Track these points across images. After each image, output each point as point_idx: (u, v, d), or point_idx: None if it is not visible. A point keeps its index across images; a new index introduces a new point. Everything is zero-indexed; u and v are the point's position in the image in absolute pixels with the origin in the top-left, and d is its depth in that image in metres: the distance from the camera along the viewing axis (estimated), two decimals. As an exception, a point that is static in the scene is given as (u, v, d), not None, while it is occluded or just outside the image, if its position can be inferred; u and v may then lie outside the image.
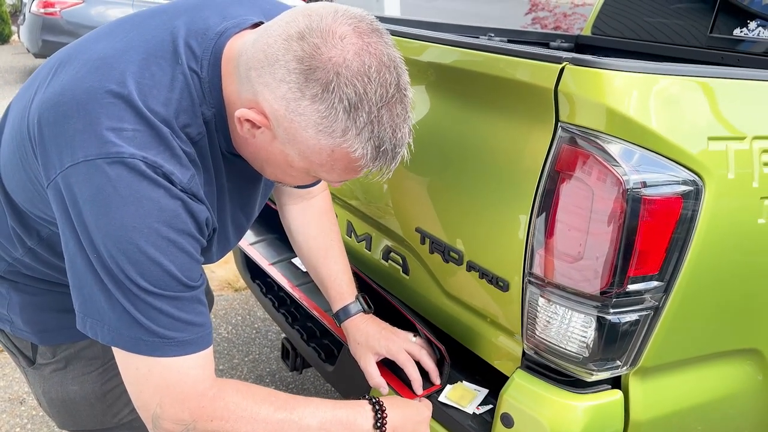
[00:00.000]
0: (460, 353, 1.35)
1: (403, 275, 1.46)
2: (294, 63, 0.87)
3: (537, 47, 1.57)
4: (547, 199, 1.06)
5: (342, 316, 1.40)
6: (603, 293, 1.04)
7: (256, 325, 3.01)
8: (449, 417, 1.25)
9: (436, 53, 1.29)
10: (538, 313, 1.12)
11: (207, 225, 1.01)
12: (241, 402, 1.02)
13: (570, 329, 1.09)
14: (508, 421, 1.15)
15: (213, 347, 1.02)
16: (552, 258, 1.07)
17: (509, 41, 2.59)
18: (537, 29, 6.65)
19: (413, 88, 0.97)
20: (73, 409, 1.28)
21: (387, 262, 1.51)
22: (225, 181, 1.08)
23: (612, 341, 1.07)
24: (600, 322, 1.06)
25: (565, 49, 2.81)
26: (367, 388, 1.36)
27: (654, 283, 1.05)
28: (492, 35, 2.64)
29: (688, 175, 1.02)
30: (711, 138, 1.04)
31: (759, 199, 1.10)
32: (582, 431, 1.10)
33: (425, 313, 1.43)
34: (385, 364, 1.36)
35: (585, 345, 1.08)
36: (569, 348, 1.10)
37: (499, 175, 1.17)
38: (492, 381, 1.29)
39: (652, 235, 1.01)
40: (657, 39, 2.59)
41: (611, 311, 1.05)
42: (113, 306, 0.93)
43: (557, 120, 1.04)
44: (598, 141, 1.00)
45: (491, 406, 1.24)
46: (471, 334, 1.31)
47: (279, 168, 1.02)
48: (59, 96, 0.94)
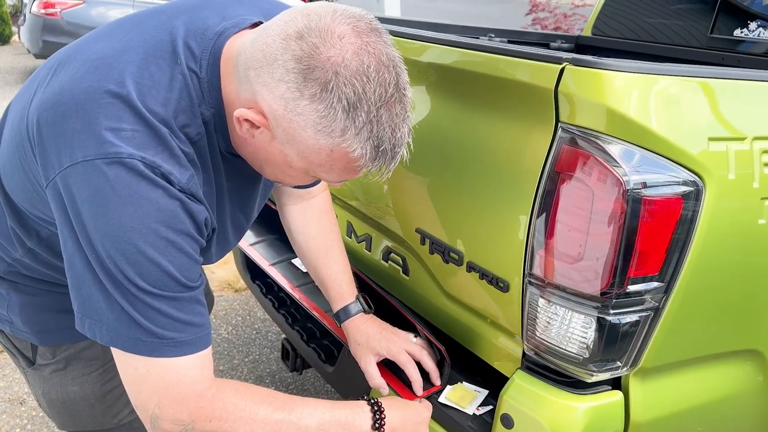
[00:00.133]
0: (460, 354, 1.34)
1: (403, 276, 1.45)
2: (292, 62, 0.87)
3: (537, 48, 1.56)
4: (548, 200, 1.06)
5: (342, 316, 1.40)
6: (603, 294, 1.03)
7: (256, 326, 3.01)
8: (449, 418, 1.24)
9: (436, 54, 1.29)
10: (538, 314, 1.12)
11: (206, 225, 1.01)
12: (240, 402, 1.01)
13: (570, 330, 1.09)
14: (508, 422, 1.14)
15: (213, 348, 1.02)
16: (552, 259, 1.07)
17: (509, 42, 2.59)
18: (537, 30, 6.65)
19: (413, 88, 0.97)
20: (73, 410, 1.28)
21: (387, 262, 1.50)
22: (224, 181, 1.08)
23: (612, 342, 1.07)
24: (600, 322, 1.06)
25: (566, 50, 2.81)
26: (367, 388, 1.36)
27: (654, 284, 1.05)
28: (492, 36, 2.64)
29: (688, 176, 1.01)
30: (711, 138, 1.04)
31: (759, 200, 1.10)
32: (582, 432, 1.10)
33: (425, 314, 1.43)
34: (385, 364, 1.36)
35: (585, 346, 1.08)
36: (569, 349, 1.10)
37: (500, 176, 1.17)
38: (492, 382, 1.28)
39: (652, 236, 1.01)
40: (657, 39, 2.59)
41: (611, 312, 1.05)
42: (112, 306, 0.93)
43: (557, 120, 1.04)
44: (598, 141, 0.99)
45: (491, 406, 1.24)
46: (471, 334, 1.30)
47: (278, 168, 1.02)
48: (58, 96, 0.94)
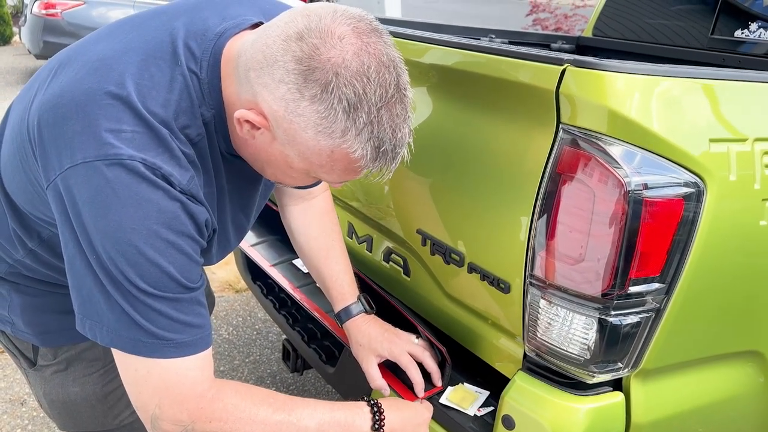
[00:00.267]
0: (461, 355, 1.34)
1: (404, 277, 1.45)
2: (293, 63, 0.87)
3: (538, 49, 1.56)
4: (549, 201, 1.06)
5: (343, 316, 1.40)
6: (604, 295, 1.03)
7: (257, 327, 3.01)
8: (450, 419, 1.24)
9: (437, 55, 1.29)
10: (539, 315, 1.12)
11: (207, 226, 1.01)
12: (240, 403, 1.01)
13: (571, 331, 1.08)
14: (509, 423, 1.14)
15: (214, 348, 1.02)
16: (553, 260, 1.07)
17: (510, 43, 2.59)
18: (538, 31, 6.65)
19: (414, 89, 0.97)
20: (74, 411, 1.28)
21: (388, 263, 1.50)
22: (225, 182, 1.08)
23: (613, 343, 1.07)
24: (601, 324, 1.05)
25: (567, 51, 2.81)
26: (368, 389, 1.36)
27: (655, 285, 1.04)
28: (493, 37, 2.64)
29: (689, 177, 1.01)
30: (712, 140, 1.04)
31: (761, 201, 1.09)
32: (583, 433, 1.10)
33: (426, 315, 1.42)
34: (386, 365, 1.35)
35: (586, 347, 1.08)
36: (570, 350, 1.09)
37: (501, 177, 1.16)
38: (493, 383, 1.28)
39: (653, 237, 1.01)
40: (658, 40, 2.59)
41: (613, 313, 1.05)
42: (112, 307, 0.93)
43: (558, 122, 1.04)
44: (599, 143, 0.99)
45: (492, 408, 1.24)
46: (472, 335, 1.30)
47: (279, 169, 1.02)
48: (58, 97, 0.94)
